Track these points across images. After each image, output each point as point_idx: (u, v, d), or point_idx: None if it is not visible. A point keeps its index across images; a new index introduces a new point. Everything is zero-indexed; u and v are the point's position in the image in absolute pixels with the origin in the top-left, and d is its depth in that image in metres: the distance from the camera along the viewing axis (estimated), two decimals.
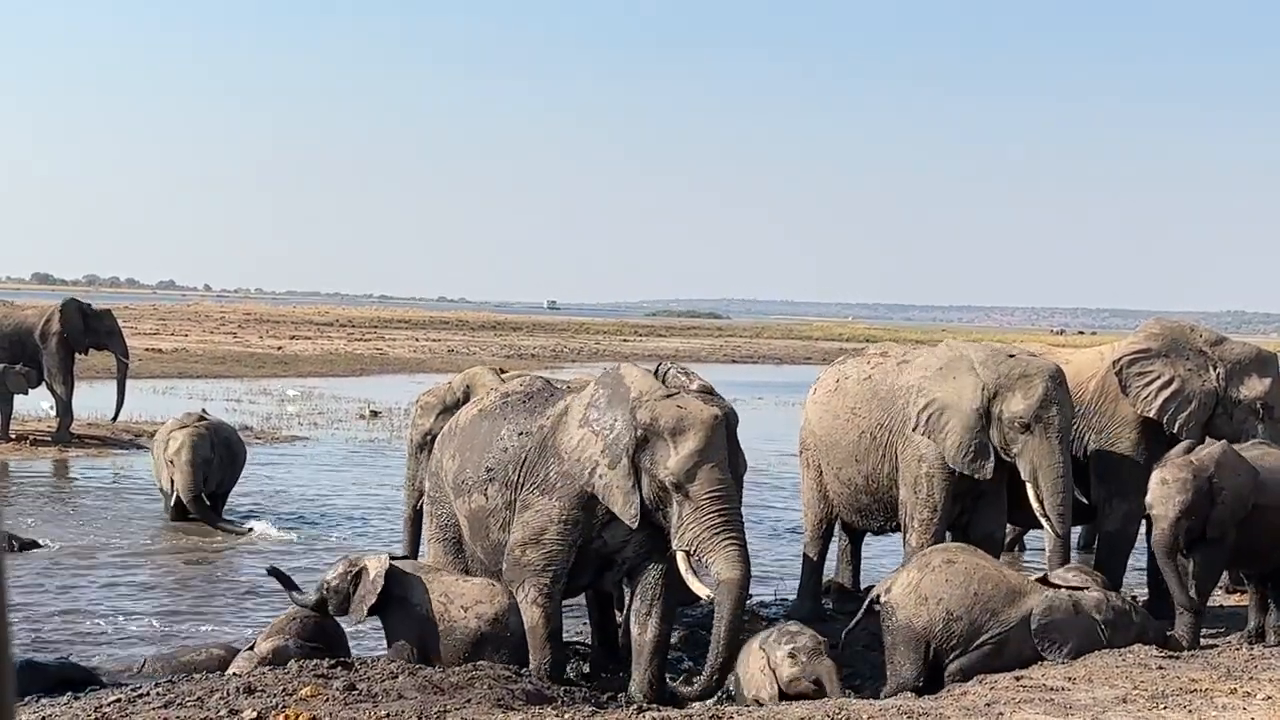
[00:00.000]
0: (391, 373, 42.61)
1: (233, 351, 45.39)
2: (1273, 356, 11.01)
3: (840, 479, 11.22)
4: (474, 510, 9.06)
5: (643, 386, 8.45)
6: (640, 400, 8.31)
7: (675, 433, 8.10)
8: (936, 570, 8.42)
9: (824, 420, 11.36)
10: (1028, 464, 10.00)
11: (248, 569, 13.01)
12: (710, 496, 8.01)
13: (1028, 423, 9.93)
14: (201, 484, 14.96)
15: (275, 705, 6.98)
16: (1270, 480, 9.25)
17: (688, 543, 8.08)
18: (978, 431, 10.09)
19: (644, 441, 8.20)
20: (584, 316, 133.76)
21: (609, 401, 8.50)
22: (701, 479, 8.02)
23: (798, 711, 7.04)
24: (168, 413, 20.47)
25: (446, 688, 7.54)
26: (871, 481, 10.95)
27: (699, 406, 8.19)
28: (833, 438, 11.23)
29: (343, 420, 27.13)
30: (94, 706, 7.03)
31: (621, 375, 8.69)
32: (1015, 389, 10.03)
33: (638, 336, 79.20)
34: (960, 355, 10.47)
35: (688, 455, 8.04)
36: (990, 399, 10.08)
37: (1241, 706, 7.07)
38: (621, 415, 8.35)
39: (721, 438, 8.12)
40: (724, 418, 8.20)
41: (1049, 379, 10.05)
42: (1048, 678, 7.78)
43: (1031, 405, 9.94)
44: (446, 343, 59.59)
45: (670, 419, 8.13)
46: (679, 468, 8.03)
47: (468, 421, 9.33)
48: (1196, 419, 10.64)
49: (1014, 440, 10.01)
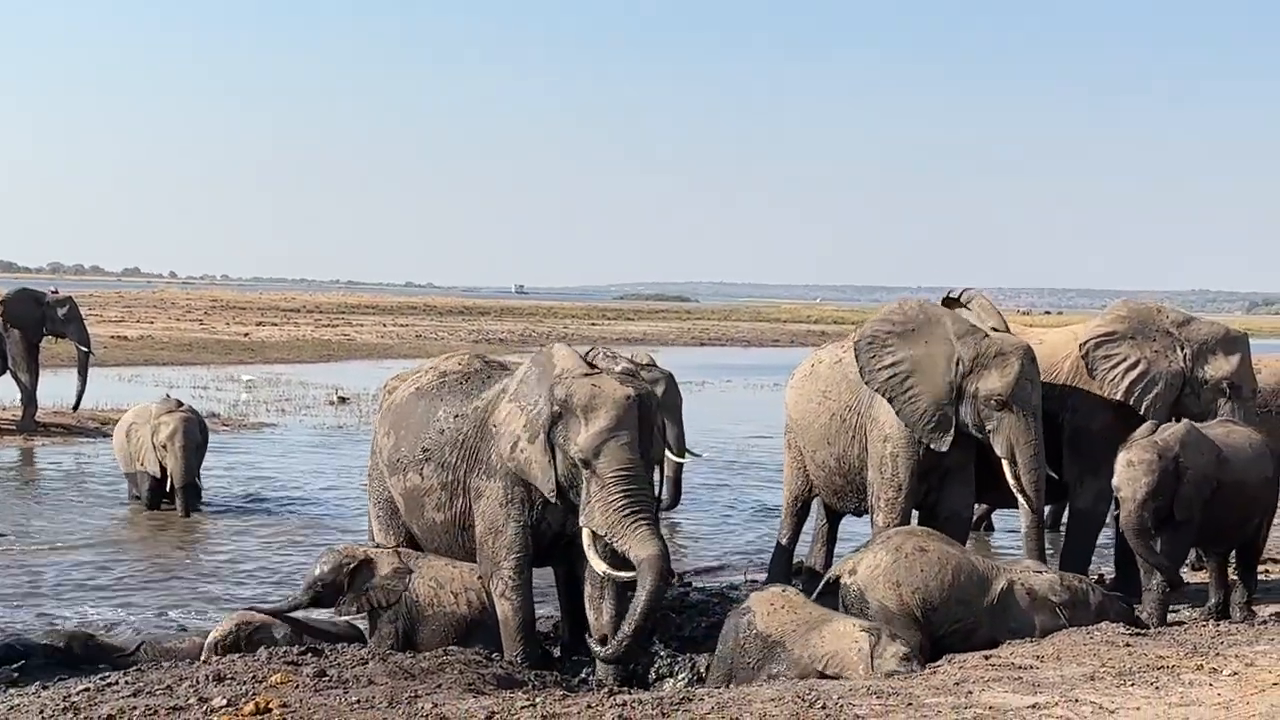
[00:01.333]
0: (359, 358, 42.54)
1: (199, 338, 45.20)
2: (1240, 336, 11.05)
3: (815, 461, 11.30)
4: (409, 489, 9.11)
5: (566, 364, 8.54)
6: (560, 378, 8.39)
7: (587, 410, 8.15)
8: (910, 557, 8.41)
9: (799, 404, 11.46)
10: (1004, 441, 10.04)
11: (225, 556, 12.97)
12: (617, 475, 8.03)
13: (1005, 400, 9.98)
14: (196, 469, 15.02)
15: (245, 693, 6.96)
16: (1235, 458, 9.32)
17: (595, 523, 8.10)
18: (944, 404, 10.13)
19: (558, 417, 8.26)
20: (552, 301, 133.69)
21: (537, 378, 8.59)
22: (608, 457, 8.04)
23: (768, 692, 7.05)
24: (134, 401, 20.38)
25: (417, 673, 7.54)
26: (843, 463, 11.01)
27: (613, 385, 8.23)
28: (806, 420, 11.32)
29: (310, 406, 27.06)
30: (62, 696, 6.99)
31: (551, 353, 8.77)
32: (992, 366, 10.07)
33: (606, 320, 79.15)
34: (934, 320, 10.47)
35: (597, 433, 8.07)
36: (965, 374, 10.12)
37: (1208, 683, 7.12)
38: (543, 392, 8.44)
39: (632, 417, 8.13)
40: (637, 398, 8.22)
41: (1025, 356, 10.12)
42: (1016, 656, 7.82)
43: (1009, 383, 9.99)
44: (414, 328, 59.46)
45: (583, 396, 8.19)
46: (588, 444, 8.08)
47: (404, 400, 9.37)
48: (1164, 400, 10.71)
49: (989, 417, 10.05)
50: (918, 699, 6.79)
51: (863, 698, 6.79)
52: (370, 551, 8.97)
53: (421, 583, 8.76)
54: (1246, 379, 10.90)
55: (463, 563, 8.95)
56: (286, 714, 6.57)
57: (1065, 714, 6.47)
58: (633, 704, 6.78)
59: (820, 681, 7.40)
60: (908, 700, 6.76)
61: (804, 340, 63.38)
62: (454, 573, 8.84)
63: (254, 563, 12.66)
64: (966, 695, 6.88)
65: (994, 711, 6.52)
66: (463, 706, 6.76)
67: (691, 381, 34.67)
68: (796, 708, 6.55)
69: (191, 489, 14.98)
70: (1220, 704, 6.70)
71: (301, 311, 70.50)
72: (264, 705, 6.67)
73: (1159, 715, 6.48)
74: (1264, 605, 9.76)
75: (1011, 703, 6.70)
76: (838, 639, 7.89)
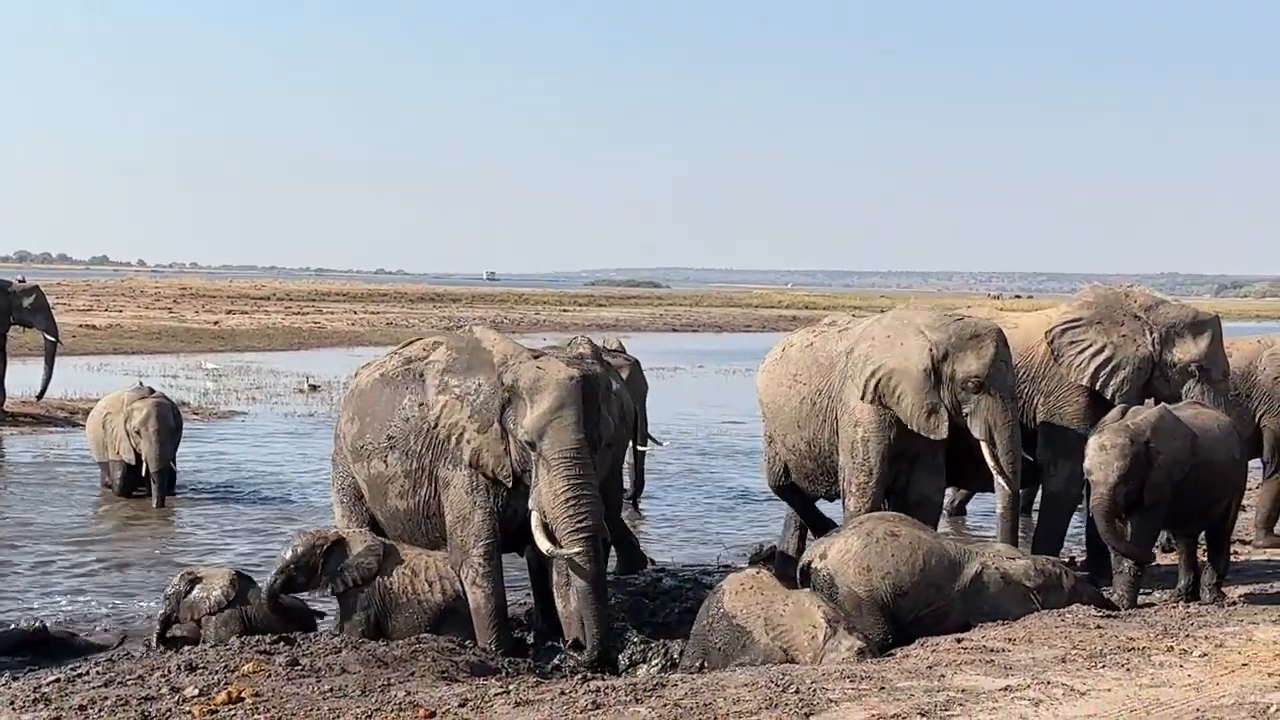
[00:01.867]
0: (330, 346, 42.42)
1: (168, 327, 44.98)
2: (1210, 319, 11.09)
3: (787, 445, 11.33)
4: (373, 476, 9.12)
5: (506, 349, 8.60)
6: (505, 363, 8.44)
7: (532, 392, 8.22)
8: (881, 543, 8.42)
9: (770, 388, 11.50)
10: (982, 423, 10.09)
11: (198, 544, 12.93)
12: (560, 457, 8.09)
13: (982, 381, 10.04)
14: (170, 455, 14.98)
15: (217, 682, 6.94)
16: (1204, 440, 9.36)
17: (540, 504, 8.16)
18: (928, 392, 10.18)
19: (508, 403, 8.33)
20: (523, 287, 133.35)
21: (468, 366, 8.60)
22: (552, 438, 8.10)
23: (741, 677, 7.06)
24: (103, 389, 20.26)
25: (390, 661, 7.53)
26: (814, 447, 11.04)
27: (557, 367, 8.29)
28: (778, 404, 11.35)
29: (281, 394, 26.97)
30: (33, 687, 6.96)
31: (478, 339, 8.80)
32: (967, 349, 10.13)
33: (577, 306, 79.07)
34: (906, 321, 10.56)
35: (541, 414, 8.14)
36: (940, 360, 10.16)
37: (1178, 664, 7.17)
38: (487, 379, 8.47)
39: (576, 399, 8.17)
40: (581, 378, 8.23)
41: (998, 338, 10.21)
42: (988, 639, 7.85)
43: (985, 364, 10.06)
44: (385, 315, 59.34)
45: (529, 379, 8.27)
46: (532, 426, 8.14)
47: (369, 385, 9.35)
48: (1131, 383, 10.76)
49: (966, 400, 10.10)
50: (890, 682, 6.81)
51: (836, 682, 6.81)
52: (343, 532, 8.97)
53: (396, 570, 8.75)
54: (1216, 361, 10.94)
55: (436, 552, 8.95)
56: (259, 703, 6.55)
57: (1037, 696, 6.50)
58: (606, 690, 6.79)
59: (793, 666, 7.42)
60: (880, 684, 6.78)
61: (775, 325, 63.42)
62: (428, 561, 8.85)
63: (228, 550, 12.62)
64: (939, 678, 6.91)
65: (966, 694, 6.55)
66: (436, 694, 6.75)
67: (664, 367, 34.69)
68: (770, 693, 6.57)
69: (166, 474, 14.92)
70: (1190, 685, 6.74)
71: (272, 299, 70.21)
72: (236, 694, 6.65)
73: (1130, 697, 6.51)
74: (1233, 587, 9.82)
75: (984, 685, 6.72)
76: (796, 620, 7.94)
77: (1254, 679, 6.84)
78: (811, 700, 6.43)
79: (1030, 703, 6.39)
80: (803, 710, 6.27)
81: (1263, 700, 6.37)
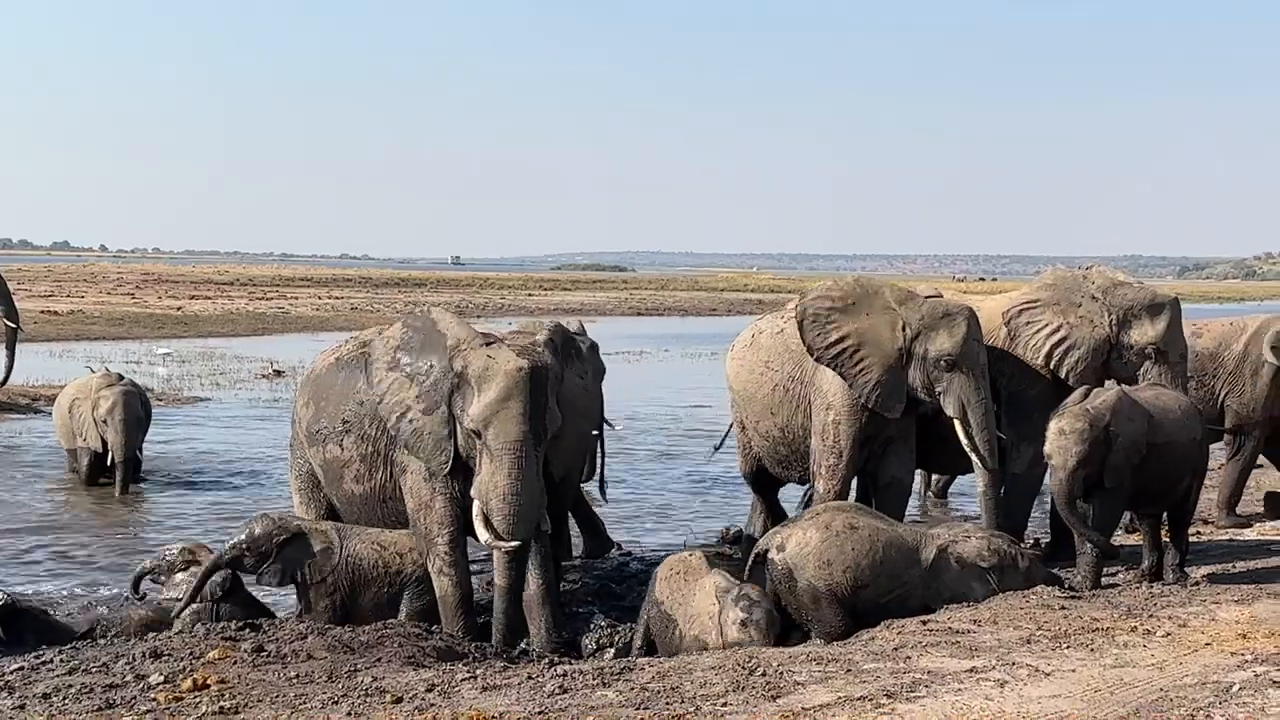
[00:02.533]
0: (294, 331, 42.20)
1: (131, 312, 44.68)
2: (1168, 300, 11.14)
3: (759, 432, 11.33)
4: (328, 460, 9.09)
5: (460, 334, 8.54)
6: (458, 348, 8.40)
7: (480, 380, 8.18)
8: (841, 536, 8.43)
9: (741, 375, 11.50)
10: (955, 401, 10.15)
11: (163, 530, 12.86)
12: (503, 449, 8.06)
13: (955, 360, 10.08)
14: (136, 443, 14.88)
15: (183, 669, 6.92)
16: (1164, 421, 9.41)
17: (480, 494, 8.14)
18: (896, 370, 10.21)
19: (456, 388, 8.31)
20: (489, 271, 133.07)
21: (422, 346, 8.57)
22: (496, 429, 8.08)
23: (708, 661, 7.08)
24: (66, 376, 20.12)
25: (357, 646, 7.51)
26: (787, 433, 11.05)
27: (507, 357, 8.23)
28: (749, 391, 11.35)
29: (246, 380, 26.84)
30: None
31: (434, 320, 8.75)
32: (940, 328, 10.19)
33: (543, 290, 78.93)
34: (873, 291, 10.58)
35: (487, 404, 8.11)
36: (913, 338, 10.20)
37: (1142, 644, 7.22)
38: (438, 361, 8.45)
39: (523, 390, 8.12)
40: (530, 371, 8.18)
41: (970, 317, 10.28)
42: (953, 621, 7.89)
43: (958, 343, 10.11)
44: (350, 300, 59.10)
45: (478, 367, 8.23)
46: (479, 415, 8.11)
47: (324, 370, 9.32)
48: (1086, 364, 10.83)
49: (939, 379, 10.15)
50: (856, 664, 6.85)
51: (802, 664, 6.84)
52: (304, 526, 8.92)
53: (363, 546, 8.71)
54: (1175, 343, 11.00)
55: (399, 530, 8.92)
56: (225, 690, 6.54)
57: (1002, 677, 6.54)
58: (573, 674, 6.80)
59: (761, 649, 7.45)
60: (847, 666, 6.81)
61: (741, 309, 63.47)
62: (394, 536, 8.83)
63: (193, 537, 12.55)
64: (905, 660, 6.94)
65: (932, 675, 6.59)
66: (403, 679, 6.75)
67: (629, 351, 34.69)
68: (737, 675, 6.59)
69: (131, 463, 14.83)
70: (1154, 665, 6.79)
71: (235, 284, 69.79)
72: (202, 681, 6.63)
73: (1094, 677, 6.56)
74: (1196, 567, 9.89)
75: (949, 667, 6.76)
76: (701, 601, 8.04)
77: (1217, 658, 6.90)
78: (778, 683, 6.46)
79: (995, 684, 6.43)
80: (769, 693, 6.30)
81: (1226, 679, 6.43)
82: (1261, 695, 6.15)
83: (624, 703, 6.19)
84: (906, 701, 6.14)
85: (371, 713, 6.12)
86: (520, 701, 6.25)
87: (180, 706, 6.28)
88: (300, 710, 6.20)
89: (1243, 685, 6.30)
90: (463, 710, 6.01)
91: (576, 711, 6.02)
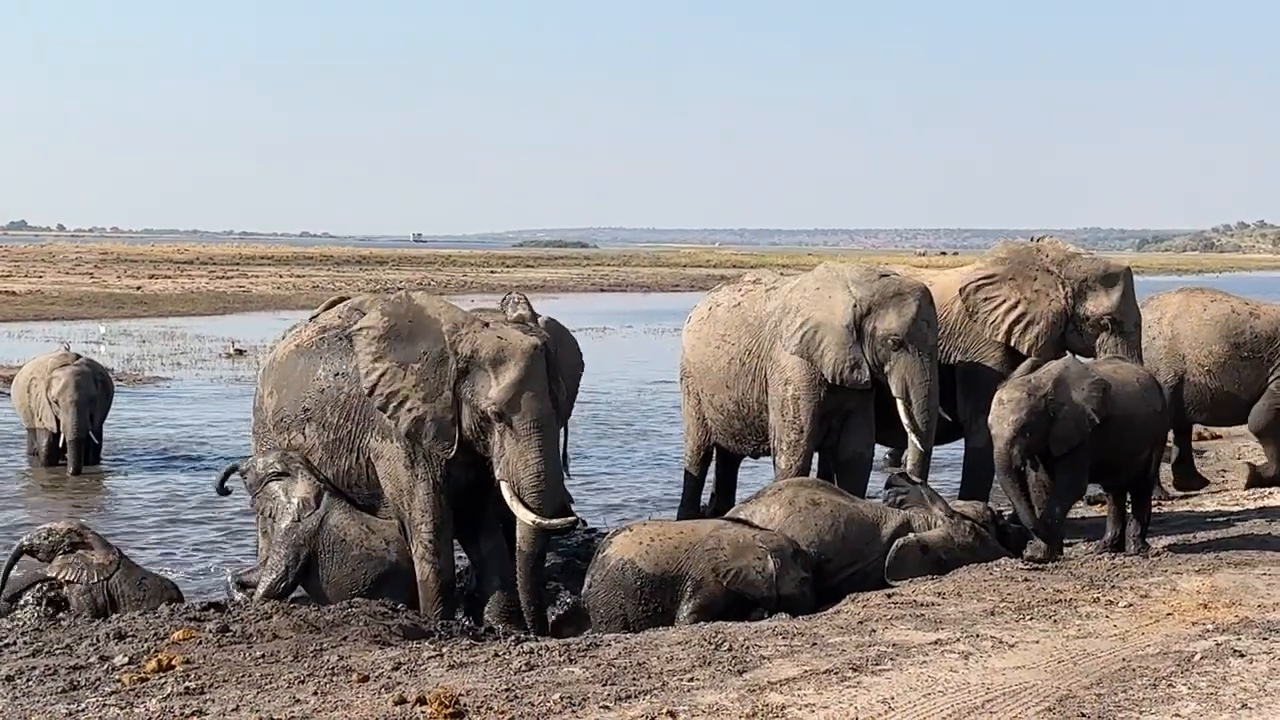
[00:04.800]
0: (256, 310, 42.01)
1: (90, 292, 44.41)
2: (1121, 271, 11.23)
3: (714, 405, 11.32)
4: (293, 448, 8.99)
5: (456, 317, 8.44)
6: (457, 331, 8.30)
7: (496, 363, 8.11)
8: (804, 511, 8.47)
9: (697, 348, 11.46)
10: (899, 380, 10.18)
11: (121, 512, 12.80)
12: (531, 428, 8.05)
13: (901, 340, 10.11)
14: (89, 424, 14.75)
15: (147, 650, 6.88)
16: (1122, 393, 9.45)
17: (508, 474, 8.12)
18: (851, 346, 10.25)
19: (464, 373, 8.22)
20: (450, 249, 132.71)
21: (411, 333, 8.44)
22: (522, 409, 8.05)
23: (674, 636, 7.10)
24: (24, 356, 19.97)
25: (322, 626, 7.49)
26: (742, 407, 11.05)
27: (519, 336, 8.19)
28: (705, 364, 11.33)
29: (207, 360, 26.70)
30: None
31: (420, 305, 8.62)
32: (889, 306, 10.21)
33: (505, 268, 78.81)
34: (835, 275, 10.63)
35: (508, 385, 8.05)
36: (863, 315, 10.24)
37: (1105, 615, 7.28)
38: (433, 346, 8.34)
39: (541, 367, 8.12)
40: (543, 347, 8.19)
41: (921, 297, 10.29)
42: (918, 594, 7.94)
43: (905, 322, 10.13)
44: (311, 279, 58.82)
45: (491, 349, 8.14)
46: (501, 397, 8.05)
47: (285, 357, 9.20)
48: (1045, 338, 10.89)
49: (886, 357, 10.18)
50: (822, 638, 6.88)
51: (768, 638, 6.87)
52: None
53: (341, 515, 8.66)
54: (1129, 313, 11.09)
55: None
56: (190, 670, 6.51)
57: (967, 649, 6.58)
58: (540, 650, 6.81)
59: (727, 624, 7.48)
60: (812, 640, 6.84)
61: (704, 285, 63.25)
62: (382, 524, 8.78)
63: (152, 517, 12.51)
64: (870, 634, 6.98)
65: (897, 648, 6.63)
66: (369, 658, 6.74)
67: (593, 328, 34.65)
68: (703, 650, 6.61)
69: (83, 443, 14.71)
70: (1117, 635, 6.85)
71: (195, 263, 69.42)
72: (167, 662, 6.60)
73: (1057, 648, 6.61)
74: (1157, 538, 9.96)
75: (914, 639, 6.80)
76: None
77: (1179, 628, 6.97)
78: (744, 657, 6.48)
79: (960, 655, 6.48)
80: (736, 667, 6.32)
81: (1187, 649, 6.49)
82: (1223, 664, 6.21)
83: (590, 679, 6.20)
84: (872, 674, 6.17)
85: (338, 691, 6.10)
86: (487, 679, 6.25)
87: (145, 687, 6.25)
88: (266, 690, 6.18)
89: (1204, 655, 6.36)
90: (429, 688, 6.00)
91: (543, 688, 6.03)
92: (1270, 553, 9.08)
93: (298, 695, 6.06)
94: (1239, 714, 5.56)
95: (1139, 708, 5.66)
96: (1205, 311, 12.48)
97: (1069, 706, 5.69)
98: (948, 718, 5.61)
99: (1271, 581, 7.97)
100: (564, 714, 5.70)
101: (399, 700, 5.85)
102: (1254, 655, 6.33)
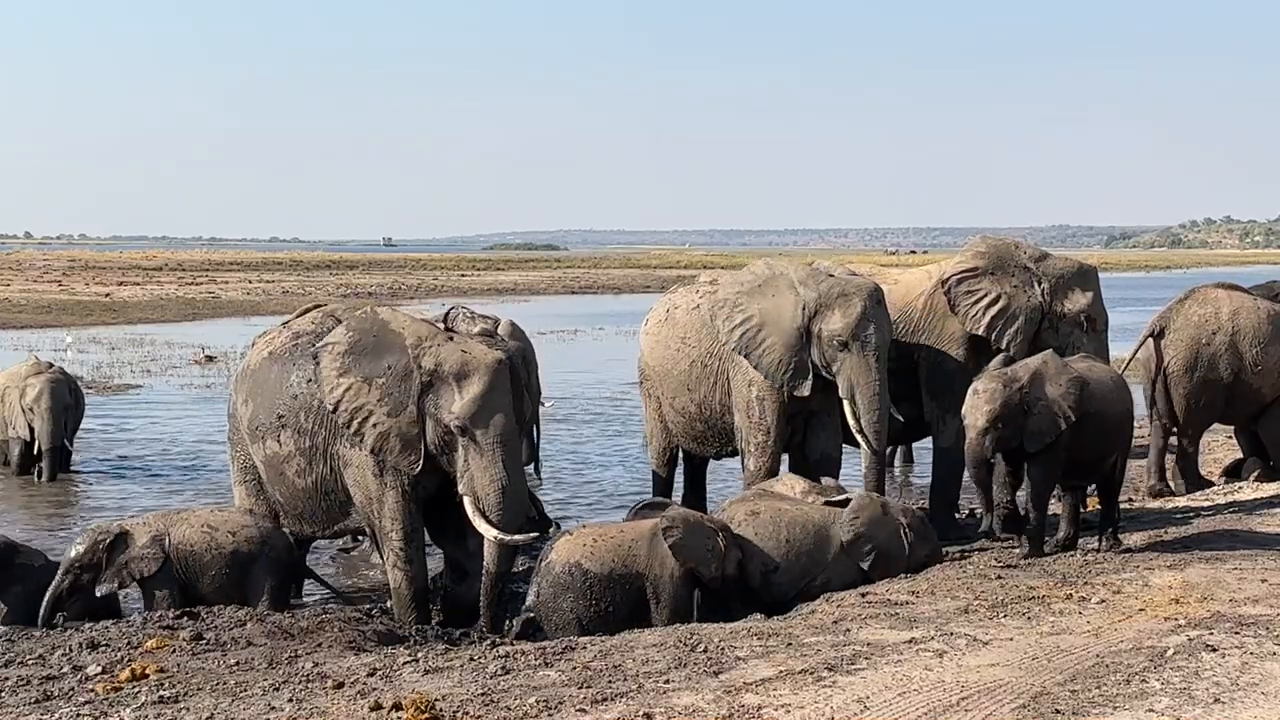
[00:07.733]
0: (225, 316, 41.83)
1: (58, 300, 44.17)
2: (1092, 270, 11.34)
3: (675, 408, 11.30)
4: (269, 456, 8.98)
5: (420, 330, 8.40)
6: (420, 345, 8.28)
7: (460, 377, 8.10)
8: (743, 526, 8.45)
9: (656, 350, 11.45)
10: (845, 381, 10.20)
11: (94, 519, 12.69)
12: (495, 442, 8.04)
13: (846, 341, 10.13)
14: (63, 432, 14.71)
15: (121, 659, 6.86)
16: (1097, 391, 9.47)
17: (471, 489, 8.11)
18: (798, 350, 10.26)
19: (428, 387, 8.20)
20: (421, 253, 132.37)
21: (375, 348, 8.41)
22: (484, 423, 8.04)
23: (650, 638, 7.10)
24: None
25: (296, 632, 7.48)
26: (704, 409, 11.05)
27: (482, 351, 8.18)
28: (665, 367, 11.31)
29: (177, 366, 26.58)
30: None
31: (384, 320, 8.58)
32: (834, 307, 10.23)
33: (476, 271, 78.64)
34: (779, 274, 10.62)
35: (472, 399, 8.04)
36: (811, 317, 10.25)
37: (1078, 611, 7.31)
38: (397, 360, 8.31)
39: (505, 381, 8.12)
40: (507, 361, 8.19)
41: (867, 298, 10.26)
42: (892, 593, 7.96)
43: (850, 324, 10.14)
44: (281, 284, 58.57)
45: (455, 363, 8.13)
46: (464, 411, 8.04)
47: (259, 364, 9.17)
48: (1024, 334, 10.92)
49: (833, 358, 10.20)
50: (797, 638, 6.89)
51: (744, 639, 6.88)
52: (125, 524, 8.77)
53: (192, 531, 8.62)
54: (1100, 312, 11.17)
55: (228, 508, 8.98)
56: (164, 679, 6.49)
57: (941, 647, 6.60)
58: (515, 654, 6.80)
59: (702, 625, 7.48)
60: (788, 640, 6.85)
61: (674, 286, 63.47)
62: (223, 516, 8.78)
63: None
64: (845, 633, 7.00)
65: (871, 647, 6.64)
66: (344, 664, 6.72)
67: (564, 330, 34.62)
68: (679, 652, 6.62)
69: (59, 452, 14.66)
70: (1090, 631, 6.88)
71: (164, 270, 69.03)
72: (140, 671, 6.57)
73: (1031, 645, 6.64)
74: (1129, 535, 10.00)
75: (889, 638, 6.82)
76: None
77: (1151, 624, 7.00)
78: (720, 658, 6.49)
79: (934, 654, 6.50)
80: (712, 668, 6.32)
81: (1160, 644, 6.52)
82: (1195, 659, 6.24)
83: (566, 682, 6.19)
84: (847, 674, 6.18)
85: (313, 698, 6.09)
86: (463, 683, 6.24)
87: (119, 697, 6.22)
88: (241, 698, 6.16)
89: (1177, 650, 6.39)
90: (405, 693, 5.99)
91: (519, 692, 6.02)
92: (1241, 547, 9.13)
93: (273, 703, 6.04)
94: (1212, 709, 5.59)
95: (1113, 703, 5.68)
96: (1259, 309, 12.33)
97: (1043, 703, 5.71)
98: (923, 716, 5.62)
99: (1243, 576, 8.02)
100: (540, 718, 5.69)
101: (374, 706, 5.83)
102: (1226, 650, 6.37)
